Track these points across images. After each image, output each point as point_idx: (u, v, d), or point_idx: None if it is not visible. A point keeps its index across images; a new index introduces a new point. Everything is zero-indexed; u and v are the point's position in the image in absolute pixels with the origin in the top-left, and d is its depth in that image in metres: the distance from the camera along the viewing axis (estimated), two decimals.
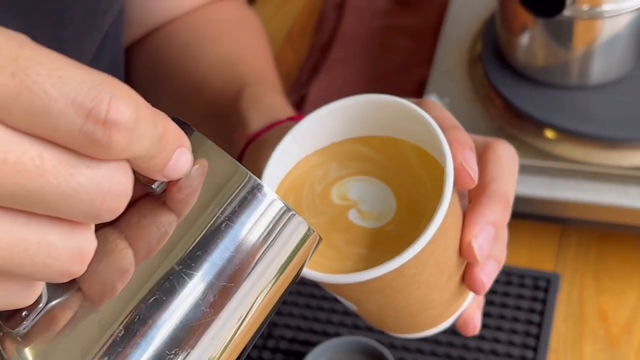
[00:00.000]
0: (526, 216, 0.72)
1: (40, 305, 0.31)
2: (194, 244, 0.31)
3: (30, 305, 0.30)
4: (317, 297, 0.73)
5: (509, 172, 0.44)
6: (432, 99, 0.76)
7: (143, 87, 0.66)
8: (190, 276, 0.31)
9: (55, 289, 0.31)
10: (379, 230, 0.42)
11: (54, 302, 0.31)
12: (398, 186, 0.43)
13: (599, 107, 0.71)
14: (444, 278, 0.43)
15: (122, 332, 0.30)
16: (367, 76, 0.91)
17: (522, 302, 0.69)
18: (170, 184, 0.31)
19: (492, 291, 0.70)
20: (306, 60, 0.96)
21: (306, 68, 0.95)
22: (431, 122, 0.41)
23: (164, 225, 0.31)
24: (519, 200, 0.69)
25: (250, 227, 0.32)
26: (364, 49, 0.94)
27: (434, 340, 0.68)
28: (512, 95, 0.73)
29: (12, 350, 0.31)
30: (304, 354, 0.67)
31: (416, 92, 0.85)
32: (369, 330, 0.69)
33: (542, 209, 0.69)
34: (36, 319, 0.31)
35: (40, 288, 0.30)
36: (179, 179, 0.31)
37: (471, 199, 0.44)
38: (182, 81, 0.62)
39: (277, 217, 0.33)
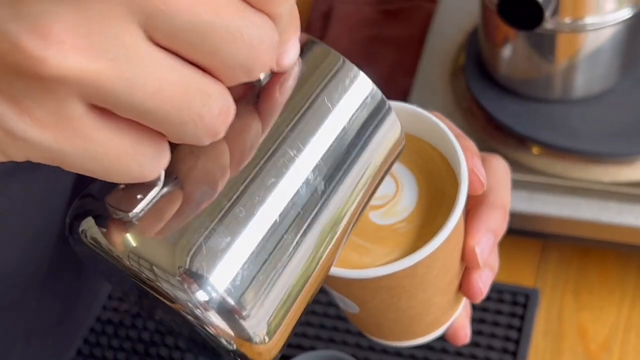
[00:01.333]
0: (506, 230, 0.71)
1: (156, 188, 0.30)
2: (301, 130, 0.32)
3: (145, 188, 0.29)
4: None
5: (504, 184, 0.46)
6: None
7: None
8: (303, 161, 0.32)
9: (165, 176, 0.30)
10: (388, 227, 0.42)
11: (166, 189, 0.30)
12: (420, 175, 0.43)
13: (580, 121, 0.70)
14: (446, 281, 0.43)
15: (243, 213, 0.30)
16: None
17: (500, 318, 0.68)
18: (274, 77, 0.32)
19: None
20: None
21: None
22: (445, 129, 0.43)
23: (267, 116, 0.32)
24: None
25: (354, 113, 0.33)
26: (348, 58, 0.93)
27: (410, 355, 0.67)
28: (494, 108, 0.72)
29: (120, 236, 0.29)
30: None
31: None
32: (344, 344, 0.68)
33: (521, 223, 0.69)
34: (153, 202, 0.30)
35: (167, 159, 0.28)
36: (284, 73, 0.32)
37: (470, 209, 0.44)
38: None
39: (378, 107, 0.34)
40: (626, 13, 0.65)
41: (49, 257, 0.60)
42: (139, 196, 0.29)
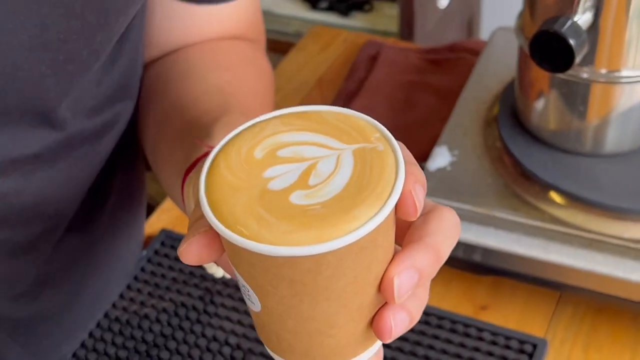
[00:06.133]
0: (521, 277, 0.70)
1: None
2: None
3: None
4: None
5: (448, 233, 0.44)
6: (442, 150, 0.76)
7: (140, 104, 0.67)
8: None
9: None
10: (302, 206, 0.39)
11: None
12: (362, 166, 0.40)
13: (606, 176, 0.70)
14: (355, 304, 0.41)
15: None
16: (387, 127, 0.91)
17: None
18: None
19: (475, 349, 0.68)
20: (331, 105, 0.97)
21: None
22: (393, 140, 0.41)
23: None
24: (513, 259, 0.68)
25: None
26: (388, 100, 0.95)
27: None
28: (521, 155, 0.72)
29: None
30: None
31: (432, 146, 0.85)
32: None
33: (536, 270, 0.68)
34: None
35: None
36: None
37: (404, 245, 0.43)
38: (171, 102, 0.62)
39: None
40: None
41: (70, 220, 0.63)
42: None
